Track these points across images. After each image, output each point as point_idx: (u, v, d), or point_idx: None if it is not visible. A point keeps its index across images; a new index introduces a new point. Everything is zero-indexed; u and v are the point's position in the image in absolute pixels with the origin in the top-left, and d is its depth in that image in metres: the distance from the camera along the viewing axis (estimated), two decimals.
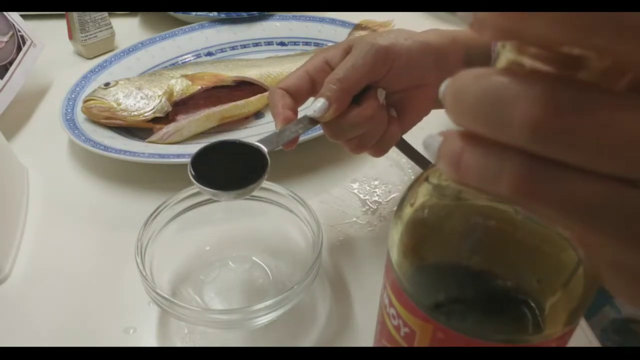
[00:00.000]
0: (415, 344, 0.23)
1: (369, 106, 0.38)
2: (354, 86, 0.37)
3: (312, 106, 0.37)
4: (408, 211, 0.22)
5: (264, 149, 0.35)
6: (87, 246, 0.46)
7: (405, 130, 0.43)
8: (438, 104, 0.41)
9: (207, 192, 0.33)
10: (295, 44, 0.73)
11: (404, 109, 0.41)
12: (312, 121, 0.37)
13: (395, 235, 0.23)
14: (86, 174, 0.53)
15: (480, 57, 0.41)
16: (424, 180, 0.23)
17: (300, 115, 0.38)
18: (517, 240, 0.20)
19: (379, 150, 0.42)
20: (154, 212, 0.38)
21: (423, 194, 0.22)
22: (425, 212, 0.22)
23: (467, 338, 0.21)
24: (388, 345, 0.25)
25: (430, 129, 0.41)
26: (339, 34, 0.71)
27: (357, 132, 0.39)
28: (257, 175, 0.34)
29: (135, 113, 0.55)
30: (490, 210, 0.20)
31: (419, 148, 0.45)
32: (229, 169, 0.35)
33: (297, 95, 0.39)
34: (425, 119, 0.43)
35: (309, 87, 0.40)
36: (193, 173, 0.33)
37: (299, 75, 0.40)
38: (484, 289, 0.21)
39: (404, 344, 0.23)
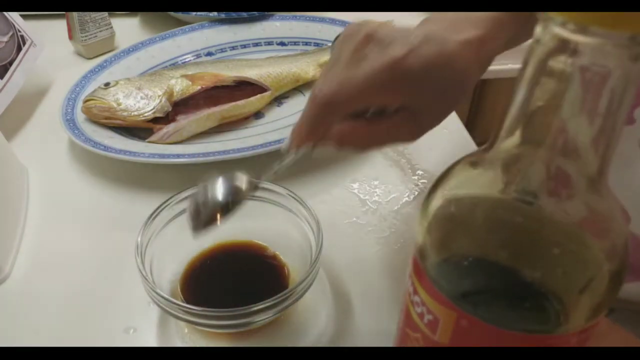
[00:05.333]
0: (438, 332, 0.23)
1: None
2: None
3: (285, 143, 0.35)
4: (437, 202, 0.23)
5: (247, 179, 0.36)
6: (87, 246, 0.46)
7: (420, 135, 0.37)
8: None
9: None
10: (295, 44, 0.73)
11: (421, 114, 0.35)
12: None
13: (423, 225, 0.23)
14: (86, 174, 0.53)
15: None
16: (455, 172, 0.23)
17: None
18: (544, 235, 0.21)
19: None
20: (154, 212, 0.38)
21: (451, 186, 0.23)
22: (454, 204, 0.22)
23: (490, 326, 0.21)
24: (411, 333, 0.26)
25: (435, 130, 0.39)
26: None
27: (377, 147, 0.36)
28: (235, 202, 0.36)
29: (135, 113, 0.55)
30: (518, 205, 0.21)
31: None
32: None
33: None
34: None
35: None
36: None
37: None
38: (510, 281, 0.21)
39: (427, 332, 0.24)
